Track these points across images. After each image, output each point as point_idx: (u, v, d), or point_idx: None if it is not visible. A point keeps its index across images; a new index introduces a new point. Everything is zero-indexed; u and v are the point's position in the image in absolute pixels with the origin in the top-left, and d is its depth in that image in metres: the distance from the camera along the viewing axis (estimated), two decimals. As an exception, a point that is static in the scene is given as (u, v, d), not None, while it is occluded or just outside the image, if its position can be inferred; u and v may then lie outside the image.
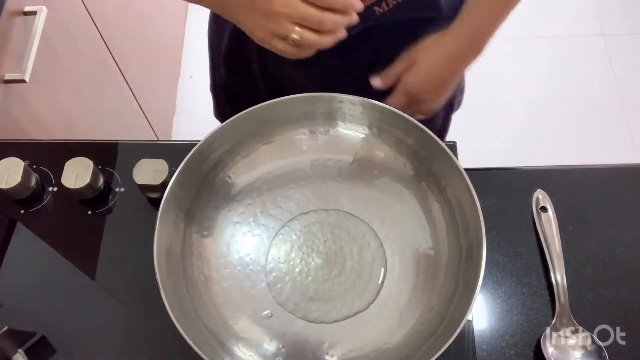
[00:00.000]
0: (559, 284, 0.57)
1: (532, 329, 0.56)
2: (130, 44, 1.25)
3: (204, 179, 0.57)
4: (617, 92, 1.73)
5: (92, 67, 1.08)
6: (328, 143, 0.60)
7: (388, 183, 0.59)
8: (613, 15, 1.88)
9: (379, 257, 0.57)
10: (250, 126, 0.57)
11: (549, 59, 1.82)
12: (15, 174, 0.60)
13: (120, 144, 0.68)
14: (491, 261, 0.60)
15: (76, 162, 0.61)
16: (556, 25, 1.87)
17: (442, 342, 0.45)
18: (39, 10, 0.83)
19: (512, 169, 0.69)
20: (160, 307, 0.46)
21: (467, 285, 0.49)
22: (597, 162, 0.69)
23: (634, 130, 1.66)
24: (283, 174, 0.60)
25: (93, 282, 0.59)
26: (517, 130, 1.70)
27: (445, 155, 0.53)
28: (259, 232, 0.58)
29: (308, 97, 0.57)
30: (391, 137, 0.58)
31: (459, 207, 0.53)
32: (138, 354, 0.55)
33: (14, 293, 0.58)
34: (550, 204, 0.61)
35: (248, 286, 0.56)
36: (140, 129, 1.33)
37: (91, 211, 0.62)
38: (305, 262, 0.57)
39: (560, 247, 0.59)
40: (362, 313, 0.54)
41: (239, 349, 0.51)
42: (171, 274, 0.51)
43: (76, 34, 1.01)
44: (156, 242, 0.49)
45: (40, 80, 0.87)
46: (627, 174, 0.67)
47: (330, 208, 0.60)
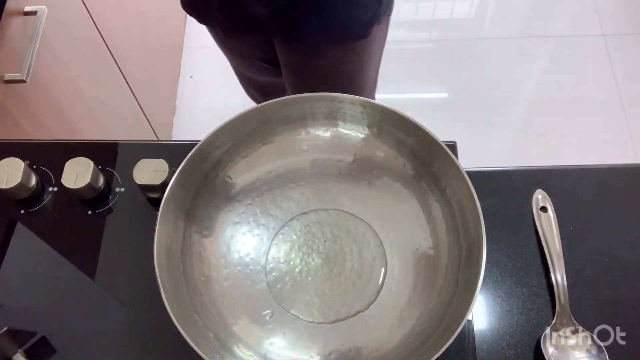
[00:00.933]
0: (559, 284, 0.57)
1: (532, 329, 0.56)
2: (130, 44, 1.25)
3: (204, 179, 0.57)
4: (617, 92, 1.73)
5: (92, 67, 1.08)
6: (328, 143, 0.60)
7: (388, 183, 0.59)
8: (613, 15, 1.88)
9: (379, 257, 0.57)
10: (250, 126, 0.57)
11: (549, 59, 1.82)
12: (15, 174, 0.60)
13: (120, 144, 0.68)
14: (491, 261, 0.60)
15: (76, 162, 0.61)
16: (556, 25, 1.87)
17: (442, 342, 0.45)
18: (39, 10, 0.83)
19: (512, 169, 0.68)
20: (160, 307, 0.46)
21: (467, 285, 0.49)
22: (597, 162, 0.69)
23: (634, 130, 1.66)
24: (283, 174, 0.60)
25: (93, 282, 0.59)
26: (517, 130, 1.70)
27: (445, 155, 0.53)
28: (259, 232, 0.59)
29: (308, 97, 0.57)
30: (391, 137, 0.58)
31: (459, 207, 0.53)
32: (138, 354, 0.55)
33: (14, 293, 0.58)
34: (550, 204, 0.61)
35: (248, 286, 0.56)
36: (140, 129, 1.33)
37: (91, 211, 0.62)
38: (305, 262, 0.57)
39: (560, 247, 0.59)
40: (362, 313, 0.54)
41: (239, 349, 0.51)
42: (171, 274, 0.51)
43: (76, 34, 1.01)
44: (156, 242, 0.49)
45: (40, 80, 0.87)
46: (627, 174, 0.67)
47: (330, 208, 0.60)
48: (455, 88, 1.72)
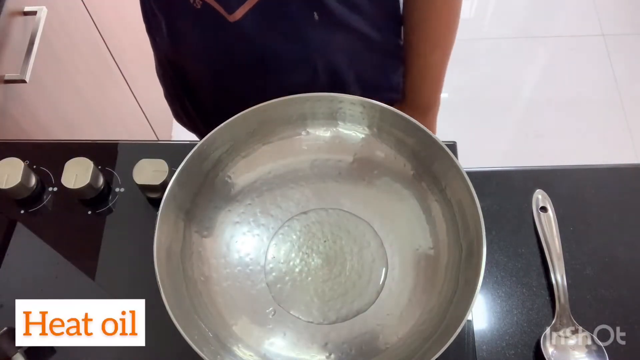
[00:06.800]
0: (559, 284, 0.57)
1: (532, 329, 0.56)
2: (130, 44, 1.25)
3: (204, 179, 0.57)
4: (617, 92, 1.73)
5: (92, 67, 1.08)
6: (328, 143, 0.60)
7: (388, 183, 0.59)
8: (613, 15, 1.88)
9: (379, 257, 0.57)
10: (249, 126, 0.57)
11: (549, 59, 1.82)
12: (15, 174, 0.60)
13: (120, 144, 0.68)
14: (491, 261, 0.60)
15: (76, 162, 0.61)
16: (556, 25, 1.87)
17: (442, 342, 0.45)
18: (39, 10, 0.83)
19: (512, 169, 0.68)
20: (161, 307, 0.46)
21: (467, 285, 0.49)
22: (597, 162, 0.69)
23: (634, 130, 1.66)
24: (283, 174, 0.60)
25: (93, 282, 0.59)
26: (517, 130, 1.70)
27: (445, 155, 0.53)
28: (259, 232, 0.59)
29: (308, 97, 0.57)
30: (391, 137, 0.58)
31: (459, 207, 0.53)
32: (138, 354, 0.55)
33: (14, 293, 0.58)
34: (550, 204, 0.61)
35: (248, 286, 0.56)
36: (140, 129, 1.33)
37: (91, 211, 0.62)
38: (305, 262, 0.57)
39: (560, 247, 0.59)
40: (362, 313, 0.54)
41: (239, 349, 0.51)
42: (171, 274, 0.51)
43: (76, 34, 1.01)
44: (156, 242, 0.49)
45: (40, 80, 0.87)
46: (627, 174, 0.67)
47: (330, 208, 0.60)
48: (455, 88, 1.71)
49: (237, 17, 0.58)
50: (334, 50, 0.65)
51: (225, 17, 0.58)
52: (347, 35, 0.64)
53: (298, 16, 0.59)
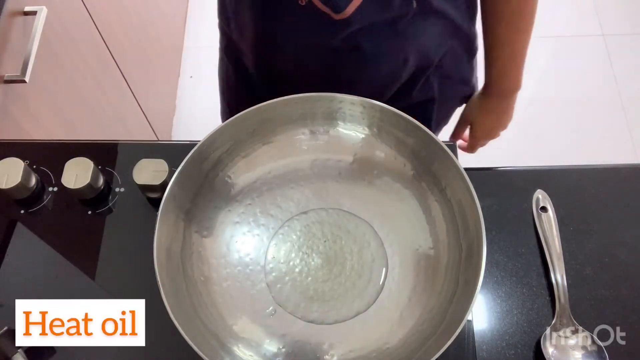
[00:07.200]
0: (559, 284, 0.57)
1: (532, 329, 0.56)
2: (130, 44, 1.25)
3: (204, 179, 0.57)
4: (617, 92, 1.73)
5: (92, 67, 1.08)
6: (328, 143, 0.60)
7: (388, 183, 0.59)
8: (613, 15, 1.87)
9: (379, 257, 0.57)
10: (250, 126, 0.57)
11: (549, 59, 1.82)
12: (15, 174, 0.60)
13: (120, 144, 0.68)
14: (491, 261, 0.60)
15: (76, 162, 0.61)
16: (556, 25, 1.87)
17: (442, 342, 0.45)
18: (39, 10, 0.83)
19: (512, 169, 0.69)
20: (161, 307, 0.46)
21: (467, 285, 0.49)
22: (597, 162, 0.69)
23: (634, 130, 1.66)
24: (283, 174, 0.60)
25: (93, 282, 0.59)
26: (517, 130, 1.70)
27: (445, 155, 0.53)
28: (259, 232, 0.58)
29: (308, 97, 0.57)
30: (391, 137, 0.58)
31: (459, 207, 0.53)
32: (138, 354, 0.55)
33: (14, 293, 0.58)
34: (550, 204, 0.61)
35: (248, 286, 0.56)
36: (140, 129, 1.33)
37: (91, 211, 0.62)
38: (305, 262, 0.57)
39: (560, 247, 0.59)
40: (362, 313, 0.54)
41: (239, 349, 0.51)
42: (171, 274, 0.51)
43: (76, 34, 1.01)
44: (156, 242, 0.49)
45: (40, 80, 0.87)
46: (627, 174, 0.67)
47: (330, 208, 0.60)
48: (455, 88, 1.71)
49: (347, 15, 0.59)
50: (427, 38, 0.66)
51: (330, 15, 0.59)
52: (438, 22, 0.65)
53: (400, 5, 0.60)
